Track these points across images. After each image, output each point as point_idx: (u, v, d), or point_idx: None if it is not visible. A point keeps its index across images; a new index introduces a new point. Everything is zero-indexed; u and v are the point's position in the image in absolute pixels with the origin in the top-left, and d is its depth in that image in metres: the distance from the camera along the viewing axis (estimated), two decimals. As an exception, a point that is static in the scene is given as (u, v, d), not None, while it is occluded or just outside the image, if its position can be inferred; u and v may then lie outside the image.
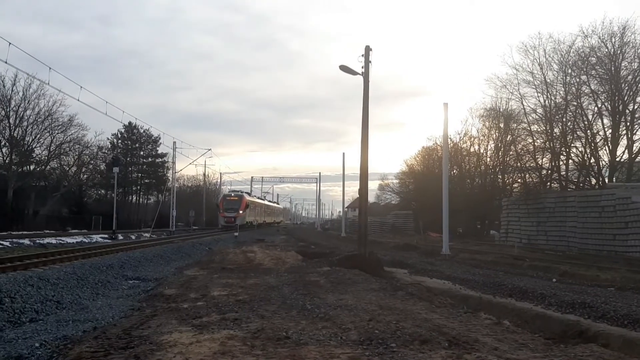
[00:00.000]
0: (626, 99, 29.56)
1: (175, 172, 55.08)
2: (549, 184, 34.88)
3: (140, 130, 66.62)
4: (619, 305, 9.96)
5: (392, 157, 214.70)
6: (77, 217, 50.91)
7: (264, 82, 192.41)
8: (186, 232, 48.88)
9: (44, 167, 50.85)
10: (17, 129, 46.31)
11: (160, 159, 69.81)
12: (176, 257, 21.11)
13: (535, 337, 7.37)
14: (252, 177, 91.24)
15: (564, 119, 32.24)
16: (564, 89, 32.38)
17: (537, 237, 29.95)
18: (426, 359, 5.66)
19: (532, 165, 35.05)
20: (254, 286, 11.84)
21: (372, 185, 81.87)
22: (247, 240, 35.30)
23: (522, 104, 35.40)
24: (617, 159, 30.40)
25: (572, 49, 31.58)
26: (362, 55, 19.31)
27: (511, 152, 39.93)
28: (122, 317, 8.56)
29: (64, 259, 17.75)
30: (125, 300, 10.76)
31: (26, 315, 8.86)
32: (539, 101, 34.10)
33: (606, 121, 30.68)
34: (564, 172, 33.40)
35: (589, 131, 30.99)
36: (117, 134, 66.16)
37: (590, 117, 31.23)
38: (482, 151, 47.59)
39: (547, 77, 33.19)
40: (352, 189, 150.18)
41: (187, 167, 69.04)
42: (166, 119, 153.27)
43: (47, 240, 29.41)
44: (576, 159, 32.41)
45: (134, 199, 69.83)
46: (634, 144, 29.88)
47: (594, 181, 31.65)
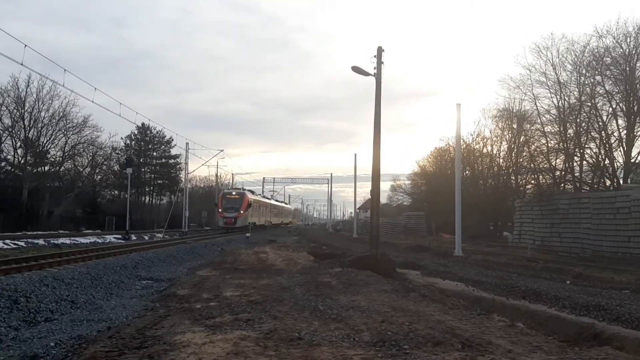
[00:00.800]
0: (641, 99, 29.24)
1: (187, 173, 55.45)
2: (563, 185, 34.58)
3: (153, 131, 67.17)
4: (634, 307, 9.87)
5: (404, 158, 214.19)
6: (91, 218, 51.36)
7: (276, 83, 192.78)
8: (198, 233, 49.10)
9: (58, 167, 51.41)
10: (32, 130, 46.89)
11: (173, 160, 70.27)
12: (189, 258, 21.21)
13: (549, 339, 7.33)
14: (263, 178, 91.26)
15: (578, 120, 31.96)
16: (577, 89, 32.11)
17: (551, 239, 29.68)
18: (439, 361, 5.64)
19: (545, 166, 34.75)
20: (266, 287, 11.87)
21: (384, 186, 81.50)
22: (259, 240, 35.38)
23: (536, 104, 35.18)
24: (632, 160, 30.07)
25: (587, 49, 31.32)
26: (375, 56, 19.32)
27: (524, 153, 39.65)
28: (135, 317, 8.62)
29: (78, 259, 17.90)
30: (138, 300, 10.83)
31: (41, 314, 8.96)
32: (553, 102, 33.87)
33: (621, 122, 30.37)
34: (578, 173, 33.09)
35: (603, 132, 30.66)
36: (130, 135, 66.73)
37: (604, 117, 30.91)
38: (495, 152, 47.32)
39: (560, 77, 32.96)
40: (364, 190, 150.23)
41: (199, 168, 69.59)
42: (179, 120, 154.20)
43: (61, 240, 29.73)
44: (590, 160, 32.11)
45: (147, 199, 70.32)
46: (649, 145, 29.59)
47: (608, 182, 31.30)
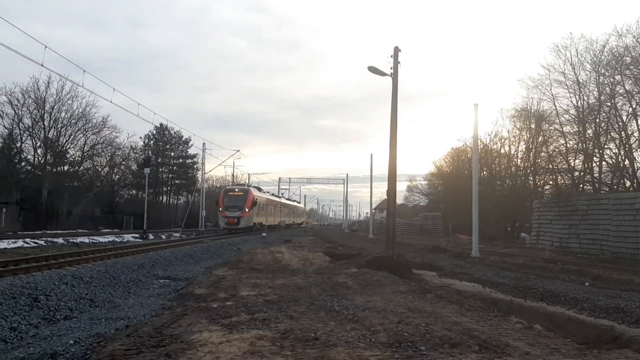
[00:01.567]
0: (662, 99, 28.79)
1: (204, 173, 55.73)
2: (582, 186, 34.16)
3: (171, 131, 67.65)
4: (655, 310, 9.72)
5: (421, 158, 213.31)
6: (109, 217, 51.91)
7: (291, 83, 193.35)
8: (215, 232, 49.32)
9: (77, 167, 52.03)
10: (52, 130, 47.52)
11: (190, 160, 70.73)
12: (205, 257, 21.33)
13: (567, 342, 7.25)
14: (279, 178, 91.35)
15: (598, 120, 31.55)
16: (597, 89, 31.68)
17: (569, 240, 29.36)
18: (456, 363, 5.62)
19: (564, 166, 34.40)
20: (282, 287, 11.89)
21: (400, 186, 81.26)
22: (274, 240, 35.48)
23: (554, 104, 34.81)
24: (653, 161, 29.67)
25: (606, 49, 30.88)
26: (391, 56, 19.29)
27: (542, 154, 39.25)
28: (153, 315, 8.69)
29: (97, 258, 18.10)
30: (156, 299, 10.91)
31: (61, 312, 9.07)
32: (572, 102, 33.47)
33: (641, 122, 29.95)
34: (597, 174, 32.67)
35: (623, 132, 30.24)
36: (148, 134, 67.30)
37: (624, 117, 30.45)
38: (512, 152, 46.90)
39: (579, 77, 32.56)
40: (380, 190, 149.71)
41: (216, 168, 69.78)
42: (195, 120, 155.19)
43: (80, 239, 30.11)
44: (610, 161, 31.68)
45: (165, 199, 70.85)
46: (670, 146, 29.12)
47: (628, 183, 30.87)
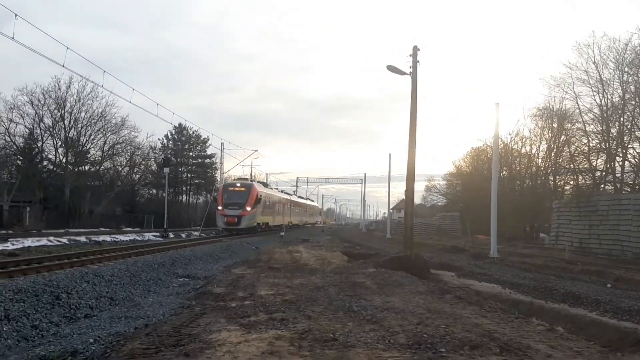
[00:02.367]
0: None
1: (223, 173, 55.91)
2: (603, 186, 33.69)
3: (190, 131, 68.07)
4: (680, 313, 9.54)
5: (439, 158, 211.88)
6: (130, 216, 52.43)
7: (309, 83, 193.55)
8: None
9: (98, 167, 52.66)
10: (72, 130, 48.16)
11: (208, 160, 71.06)
12: (224, 256, 21.43)
13: (590, 344, 7.14)
14: (297, 178, 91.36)
15: (621, 119, 31.09)
16: (621, 87, 31.27)
17: (589, 241, 28.94)
18: (476, 365, 5.56)
19: (585, 166, 33.94)
20: (300, 286, 11.89)
21: (419, 186, 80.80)
22: (292, 240, 35.56)
23: (577, 103, 34.39)
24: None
25: (629, 47, 30.46)
26: (410, 55, 19.18)
27: (564, 153, 38.78)
28: (172, 314, 8.74)
29: (118, 256, 18.26)
30: (175, 297, 10.98)
31: (81, 311, 9.16)
32: (595, 100, 33.04)
33: (666, 121, 29.45)
34: (620, 174, 32.19)
35: (647, 131, 29.79)
36: (167, 134, 67.81)
37: (648, 116, 30.02)
38: (533, 152, 46.37)
39: (602, 75, 32.13)
40: (398, 190, 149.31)
41: (234, 168, 69.28)
42: (213, 119, 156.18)
43: (101, 237, 30.49)
44: (633, 160, 31.21)
45: (184, 198, 71.32)
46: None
47: (651, 183, 30.41)
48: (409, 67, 19.22)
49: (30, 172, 44.47)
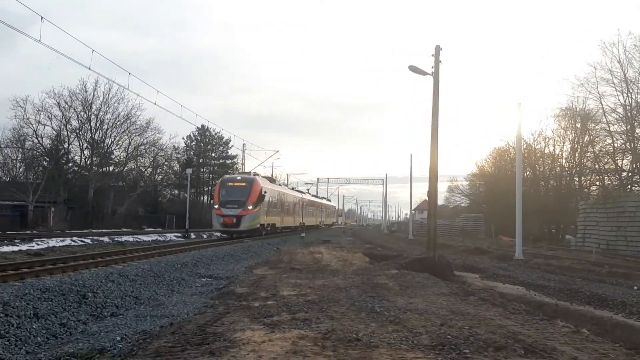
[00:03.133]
0: None
1: (244, 174, 55.90)
2: (630, 186, 33.09)
3: (212, 132, 68.68)
4: None
5: (461, 158, 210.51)
6: (153, 216, 53.05)
7: (329, 83, 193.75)
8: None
9: (122, 168, 53.43)
10: (98, 131, 48.96)
11: (230, 161, 71.61)
12: (246, 256, 21.53)
13: (616, 347, 7.03)
14: (317, 178, 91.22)
15: (646, 119, 30.56)
16: (645, 87, 30.70)
17: (617, 243, 28.43)
18: (501, 367, 5.51)
19: (611, 167, 33.40)
20: (322, 287, 11.88)
21: (441, 187, 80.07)
22: (313, 241, 35.56)
23: (601, 103, 33.85)
24: None
25: (655, 46, 29.90)
26: (432, 55, 19.08)
27: (588, 153, 38.23)
28: (196, 313, 8.81)
29: (141, 256, 18.50)
30: (198, 297, 11.06)
31: (107, 309, 9.28)
32: (619, 100, 32.50)
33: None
34: (647, 174, 31.65)
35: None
36: (190, 135, 68.48)
37: (675, 116, 29.46)
38: (557, 152, 45.74)
39: (627, 74, 31.58)
40: (419, 191, 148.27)
41: (255, 169, 69.49)
42: (235, 120, 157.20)
43: (125, 238, 30.89)
44: (660, 161, 30.64)
45: (206, 199, 71.90)
46: None
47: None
48: (431, 67, 19.13)
49: (55, 173, 45.29)
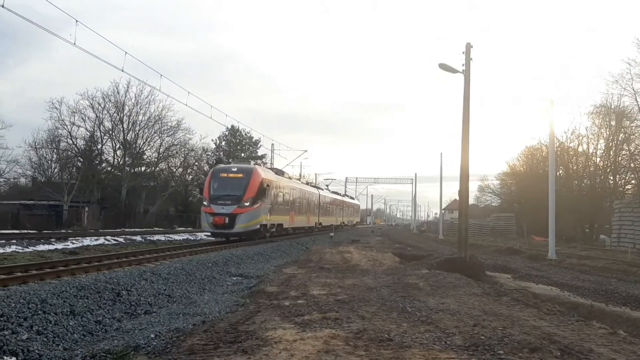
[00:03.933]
0: None
1: (273, 174, 55.87)
2: (667, 186, 32.27)
3: (242, 132, 69.17)
4: None
5: (492, 157, 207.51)
6: (183, 216, 53.68)
7: (359, 83, 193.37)
8: (283, 232, 49.57)
9: (153, 168, 54.22)
10: (130, 132, 49.83)
11: (259, 161, 71.99)
12: (275, 256, 21.62)
13: (654, 349, 6.84)
14: (346, 178, 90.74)
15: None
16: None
17: (654, 243, 27.77)
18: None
19: (647, 165, 32.59)
20: (352, 287, 11.87)
21: (472, 186, 78.91)
22: (342, 240, 35.54)
23: (636, 100, 33.03)
24: None
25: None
26: (463, 52, 18.85)
27: (624, 152, 37.35)
28: (228, 312, 8.90)
29: (173, 255, 18.71)
30: (230, 295, 11.16)
31: (141, 307, 9.44)
32: (655, 97, 31.65)
33: None
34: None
35: None
36: (221, 136, 69.11)
37: None
38: (591, 151, 44.80)
39: (664, 71, 30.73)
40: (449, 190, 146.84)
41: (284, 168, 69.53)
42: (264, 120, 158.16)
43: (156, 237, 31.38)
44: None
45: (236, 198, 72.44)
46: None
47: None
48: (461, 64, 18.90)
49: (89, 173, 46.21)
